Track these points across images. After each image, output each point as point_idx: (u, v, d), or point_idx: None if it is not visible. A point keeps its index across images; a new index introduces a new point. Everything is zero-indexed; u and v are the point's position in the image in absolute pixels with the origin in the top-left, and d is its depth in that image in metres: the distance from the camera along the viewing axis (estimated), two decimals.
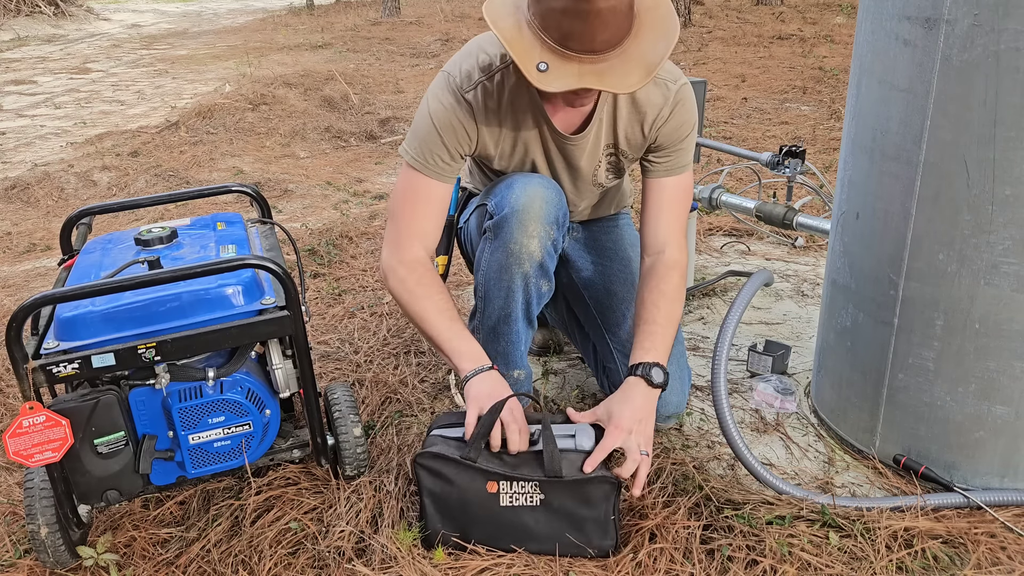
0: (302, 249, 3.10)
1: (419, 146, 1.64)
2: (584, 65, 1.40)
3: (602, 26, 1.37)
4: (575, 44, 1.38)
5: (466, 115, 1.62)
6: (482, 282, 1.72)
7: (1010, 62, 1.36)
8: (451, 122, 1.62)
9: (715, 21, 9.80)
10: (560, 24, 1.37)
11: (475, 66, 1.62)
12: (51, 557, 1.48)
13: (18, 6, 12.84)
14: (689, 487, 1.66)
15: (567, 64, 1.40)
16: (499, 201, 1.65)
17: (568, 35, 1.38)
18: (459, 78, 1.62)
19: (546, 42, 1.40)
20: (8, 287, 2.98)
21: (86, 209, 1.80)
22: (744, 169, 3.88)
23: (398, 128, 5.28)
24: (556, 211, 1.65)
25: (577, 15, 1.35)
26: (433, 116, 1.62)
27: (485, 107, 1.62)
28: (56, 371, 1.37)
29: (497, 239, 1.65)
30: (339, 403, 1.71)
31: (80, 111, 6.56)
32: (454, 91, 1.61)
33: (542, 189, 1.64)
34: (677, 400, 1.84)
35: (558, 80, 1.40)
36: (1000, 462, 1.61)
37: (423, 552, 1.51)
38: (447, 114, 1.61)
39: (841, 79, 6.13)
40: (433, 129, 1.62)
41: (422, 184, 1.65)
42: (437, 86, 1.64)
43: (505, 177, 1.71)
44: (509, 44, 1.41)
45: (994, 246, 1.46)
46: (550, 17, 1.38)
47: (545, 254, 1.65)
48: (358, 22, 11.83)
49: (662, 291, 1.65)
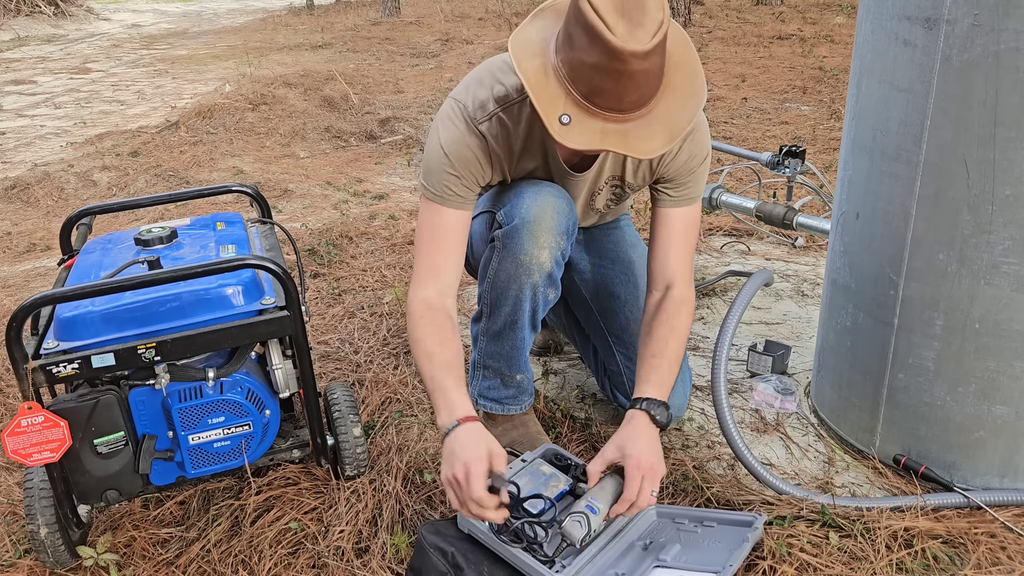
0: (302, 249, 3.10)
1: (433, 178, 1.59)
2: (608, 124, 1.35)
3: (633, 87, 1.32)
4: (602, 101, 1.34)
5: (479, 147, 1.57)
6: (489, 290, 1.69)
7: (1010, 62, 1.36)
8: (463, 154, 1.56)
9: (715, 21, 9.79)
10: (591, 79, 1.32)
11: (490, 96, 1.56)
12: (51, 557, 1.48)
13: (18, 6, 12.83)
14: (689, 487, 1.66)
15: (590, 120, 1.35)
16: (508, 211, 1.62)
17: (596, 91, 1.33)
18: (472, 108, 1.56)
19: (571, 93, 1.35)
20: (8, 287, 2.98)
21: (86, 209, 1.80)
22: (744, 169, 3.88)
23: (398, 128, 5.27)
24: (567, 221, 1.63)
25: (610, 74, 1.30)
26: (445, 147, 1.56)
27: (497, 138, 1.57)
28: (56, 371, 1.37)
29: (506, 249, 1.62)
30: (339, 403, 1.71)
31: (80, 111, 6.56)
32: (467, 121, 1.56)
33: (553, 199, 1.60)
34: (678, 403, 1.83)
35: (580, 137, 1.35)
36: (1000, 462, 1.61)
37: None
38: (459, 145, 1.56)
39: (841, 79, 6.13)
40: (446, 159, 1.56)
41: (438, 216, 1.60)
42: (449, 115, 1.58)
43: (514, 185, 1.67)
44: (533, 90, 1.35)
45: (994, 246, 1.46)
46: (580, 70, 1.33)
47: (554, 264, 1.63)
48: (358, 22, 11.83)
49: (673, 327, 1.62)
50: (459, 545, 1.40)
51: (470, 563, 1.37)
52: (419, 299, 1.57)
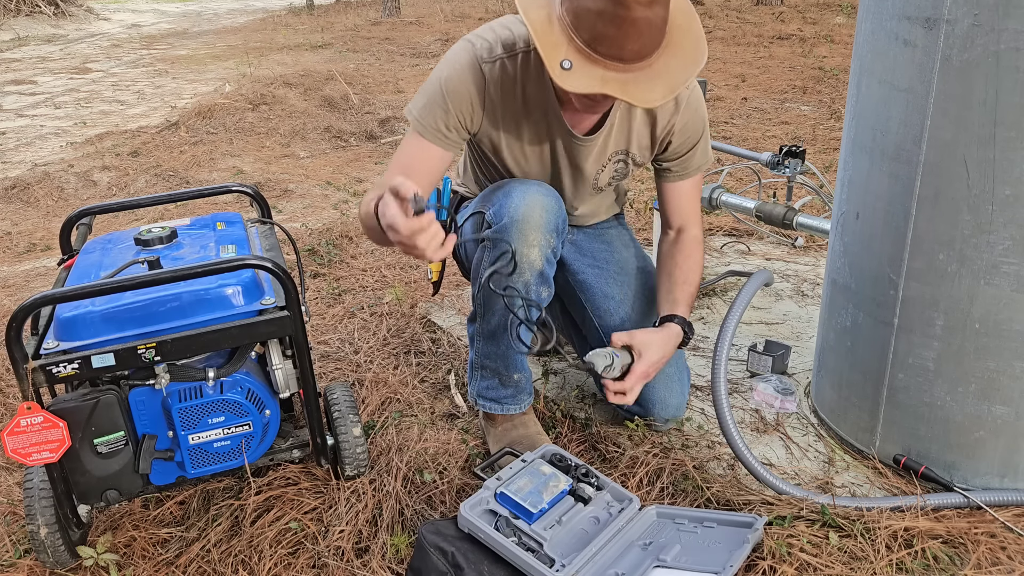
0: (302, 249, 3.10)
1: (423, 107, 1.62)
2: (608, 72, 1.38)
3: (635, 35, 1.35)
4: (604, 48, 1.37)
5: (477, 85, 1.59)
6: (481, 291, 1.71)
7: (1010, 62, 1.36)
8: (459, 89, 1.59)
9: (715, 21, 9.79)
10: (593, 25, 1.35)
11: (498, 40, 1.60)
12: (51, 557, 1.48)
13: (18, 6, 12.84)
14: (689, 487, 1.66)
15: (592, 67, 1.38)
16: (497, 210, 1.62)
17: (599, 38, 1.36)
18: (479, 47, 1.60)
19: (574, 40, 1.38)
20: (8, 287, 2.98)
21: (86, 209, 1.80)
22: (744, 169, 3.88)
23: (398, 128, 5.27)
24: (556, 219, 1.64)
25: (612, 20, 1.33)
26: (444, 79, 1.60)
27: (498, 84, 1.60)
28: (56, 371, 1.37)
29: (496, 249, 1.63)
30: (339, 403, 1.71)
31: (80, 111, 6.56)
32: (472, 58, 1.59)
33: (541, 197, 1.62)
34: (677, 402, 1.83)
35: (580, 81, 1.38)
36: (1000, 462, 1.61)
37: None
38: (459, 79, 1.59)
39: (841, 79, 6.13)
40: (440, 91, 1.59)
41: (419, 147, 1.63)
42: (456, 50, 1.62)
43: (502, 184, 1.68)
44: (537, 36, 1.38)
45: (994, 246, 1.46)
46: (583, 16, 1.36)
47: (545, 262, 1.64)
48: (358, 22, 11.83)
49: (696, 261, 1.79)
50: (459, 545, 1.40)
51: (470, 563, 1.37)
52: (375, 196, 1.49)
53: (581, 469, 1.59)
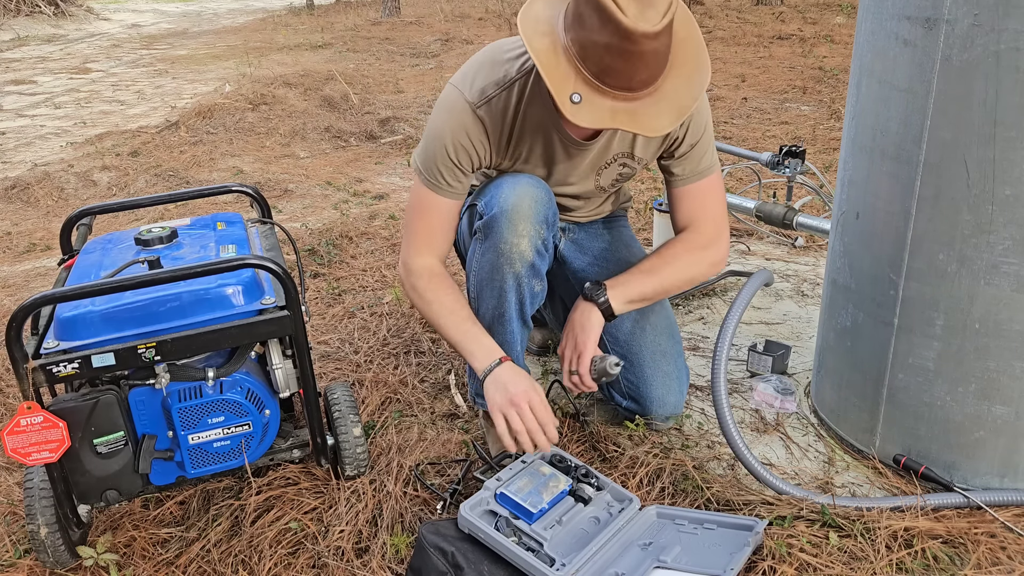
0: (302, 249, 3.10)
1: (430, 164, 1.64)
2: (617, 103, 1.39)
3: (643, 67, 1.36)
4: (612, 81, 1.37)
5: (478, 132, 1.61)
6: (474, 283, 1.72)
7: (1010, 62, 1.36)
8: (461, 142, 1.61)
9: (715, 21, 9.79)
10: (601, 59, 1.35)
11: (489, 81, 1.60)
12: (51, 557, 1.48)
13: (18, 6, 12.83)
14: (689, 487, 1.66)
15: (600, 99, 1.38)
16: (488, 201, 1.65)
17: (607, 71, 1.36)
18: (470, 93, 1.60)
19: (581, 72, 1.38)
20: (8, 287, 2.98)
21: (86, 209, 1.80)
22: (744, 169, 3.88)
23: (398, 128, 5.27)
24: (546, 210, 1.65)
25: (620, 54, 1.33)
26: (443, 136, 1.61)
27: (497, 120, 1.61)
28: (56, 371, 1.37)
29: (487, 240, 1.64)
30: (339, 403, 1.71)
31: (80, 111, 6.56)
32: (465, 108, 1.60)
33: (531, 188, 1.63)
34: (675, 400, 1.84)
35: (591, 115, 1.38)
36: (1000, 462, 1.61)
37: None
38: (457, 134, 1.60)
39: (841, 79, 6.12)
40: (443, 149, 1.61)
41: (431, 200, 1.66)
42: (448, 101, 1.62)
43: (494, 177, 1.71)
44: (544, 69, 1.38)
45: (994, 246, 1.46)
46: (591, 49, 1.36)
47: (536, 254, 1.64)
48: (358, 22, 11.82)
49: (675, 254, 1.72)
50: (459, 545, 1.40)
51: (470, 563, 1.37)
52: (422, 265, 1.67)
53: (581, 469, 1.59)
